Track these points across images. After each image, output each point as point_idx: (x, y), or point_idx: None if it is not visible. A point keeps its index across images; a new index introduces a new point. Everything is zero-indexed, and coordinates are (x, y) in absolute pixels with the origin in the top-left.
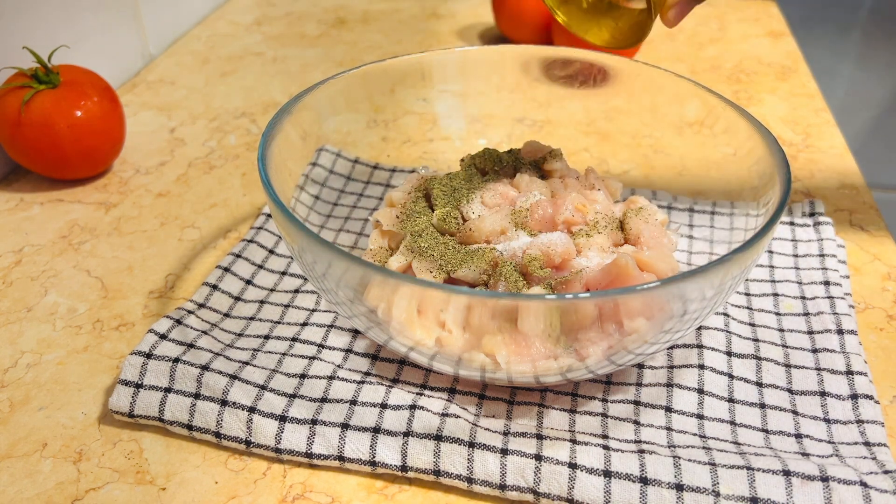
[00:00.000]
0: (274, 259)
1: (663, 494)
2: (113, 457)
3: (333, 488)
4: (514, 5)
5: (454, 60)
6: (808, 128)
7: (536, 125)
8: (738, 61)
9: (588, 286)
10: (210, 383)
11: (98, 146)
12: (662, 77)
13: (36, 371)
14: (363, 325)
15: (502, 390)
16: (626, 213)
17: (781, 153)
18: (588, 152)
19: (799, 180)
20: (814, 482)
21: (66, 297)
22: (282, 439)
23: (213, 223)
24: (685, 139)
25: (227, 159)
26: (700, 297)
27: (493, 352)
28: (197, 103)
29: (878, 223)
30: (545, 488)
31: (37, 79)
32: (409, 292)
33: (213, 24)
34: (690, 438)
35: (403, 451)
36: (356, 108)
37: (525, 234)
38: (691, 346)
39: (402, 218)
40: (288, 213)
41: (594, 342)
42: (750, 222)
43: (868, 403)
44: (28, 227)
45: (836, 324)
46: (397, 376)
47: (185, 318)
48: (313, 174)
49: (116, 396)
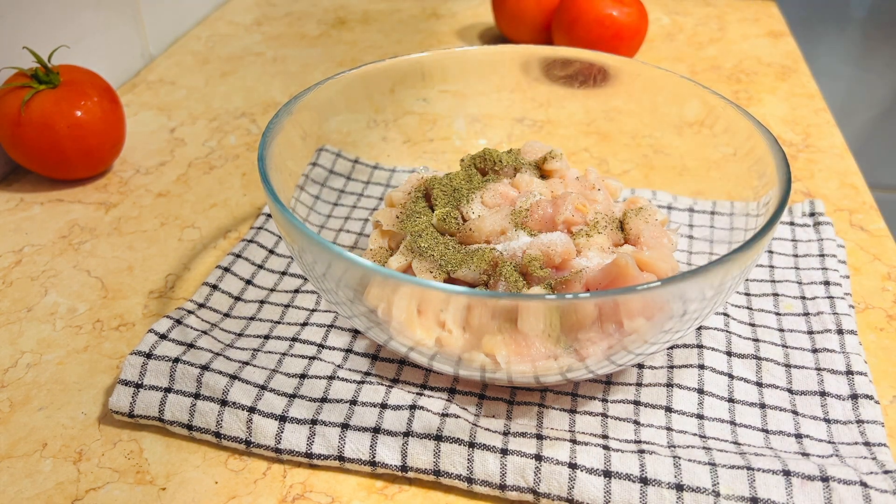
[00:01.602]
0: (274, 259)
1: (663, 494)
2: (113, 457)
3: (333, 488)
4: (514, 5)
5: (454, 60)
6: (808, 128)
7: (536, 125)
8: (738, 61)
9: (588, 286)
10: (210, 383)
11: (98, 146)
12: (662, 77)
13: (36, 371)
14: (363, 326)
15: (502, 390)
16: (626, 213)
17: (781, 153)
18: (588, 152)
19: (799, 180)
20: (814, 482)
21: (66, 297)
22: (282, 439)
23: (213, 223)
24: (685, 139)
25: (227, 159)
26: (700, 297)
27: (493, 352)
28: (197, 103)
29: (878, 223)
30: (545, 488)
31: (37, 79)
32: (409, 292)
33: (213, 24)
34: (690, 438)
35: (403, 451)
36: (356, 108)
37: (525, 234)
38: (691, 346)
39: (402, 218)
40: (288, 213)
41: (594, 342)
42: (750, 222)
43: (868, 403)
44: (28, 227)
45: (836, 324)
46: (397, 376)
47: (185, 318)
48: (313, 174)
49: (116, 396)
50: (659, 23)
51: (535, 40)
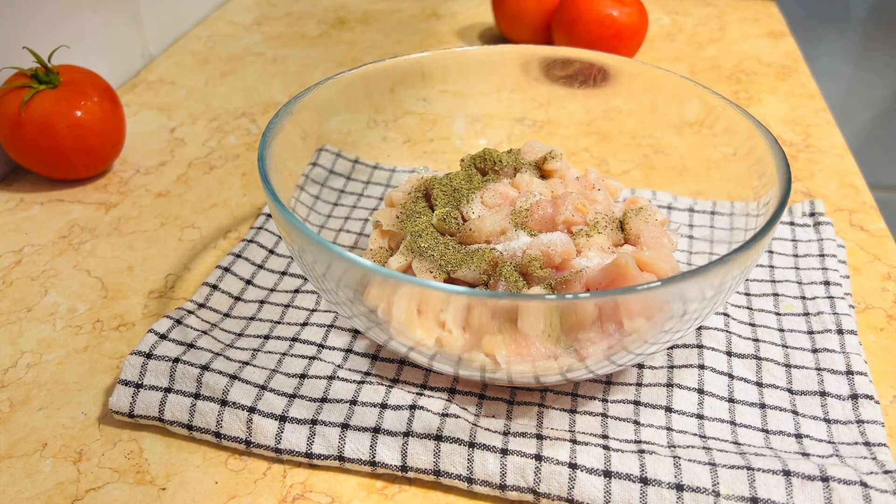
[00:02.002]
0: (274, 259)
1: (663, 494)
2: (113, 457)
3: (333, 488)
4: (514, 5)
5: (454, 60)
6: (808, 128)
7: (536, 125)
8: (738, 61)
9: (588, 286)
10: (210, 383)
11: (98, 146)
12: (662, 77)
13: (36, 371)
14: (363, 326)
15: (502, 390)
16: (626, 213)
17: (781, 153)
18: (588, 152)
19: (799, 180)
20: (814, 482)
21: (66, 297)
22: (282, 439)
23: (213, 223)
24: (685, 139)
25: (227, 159)
26: (700, 297)
27: (493, 352)
28: (197, 103)
29: (878, 223)
30: (545, 488)
31: (37, 79)
32: (409, 292)
33: (213, 24)
34: (690, 438)
35: (403, 451)
36: (356, 108)
37: (525, 234)
38: (691, 346)
39: (402, 218)
40: (288, 213)
41: (594, 342)
42: (750, 222)
43: (868, 403)
44: (28, 227)
45: (836, 324)
46: (397, 376)
47: (185, 318)
48: (313, 174)
49: (116, 396)
50: (659, 23)
51: (535, 40)
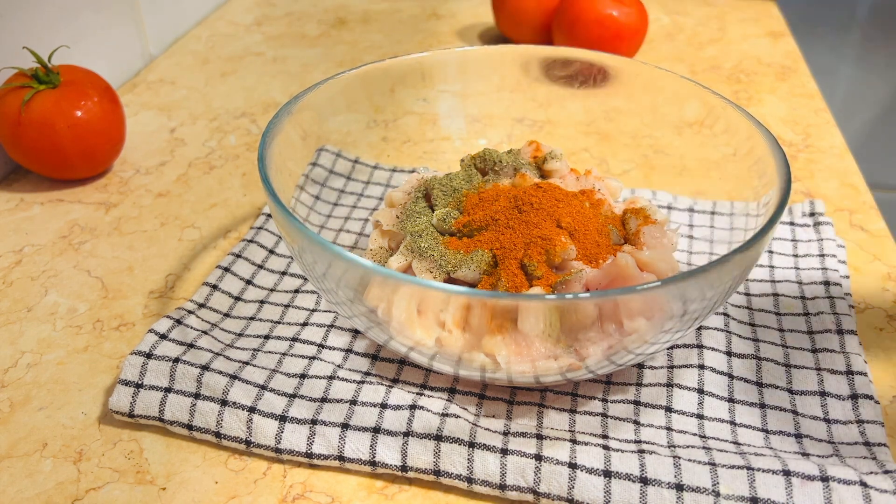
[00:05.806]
0: (274, 259)
1: (663, 494)
2: (113, 457)
3: (333, 488)
4: (514, 5)
5: (454, 60)
6: (808, 128)
7: (536, 125)
8: (738, 61)
9: (588, 286)
10: (210, 383)
11: (98, 146)
12: (662, 77)
13: (36, 371)
14: (363, 325)
15: (502, 390)
16: (625, 212)
17: (781, 153)
18: (588, 152)
19: (799, 180)
20: (814, 482)
21: (66, 297)
22: (282, 439)
23: (213, 223)
24: (685, 139)
25: (227, 159)
26: (700, 297)
27: (493, 352)
28: (197, 103)
29: (878, 223)
30: (545, 488)
31: (37, 79)
32: (409, 292)
33: (213, 24)
34: (690, 438)
35: (403, 451)
36: (356, 108)
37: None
38: (691, 346)
39: (402, 218)
40: (288, 213)
41: (594, 342)
42: (750, 222)
43: (868, 403)
44: (28, 227)
45: (836, 324)
46: (397, 376)
47: (185, 318)
48: (313, 174)
49: (116, 396)
50: (659, 23)
51: (535, 40)
